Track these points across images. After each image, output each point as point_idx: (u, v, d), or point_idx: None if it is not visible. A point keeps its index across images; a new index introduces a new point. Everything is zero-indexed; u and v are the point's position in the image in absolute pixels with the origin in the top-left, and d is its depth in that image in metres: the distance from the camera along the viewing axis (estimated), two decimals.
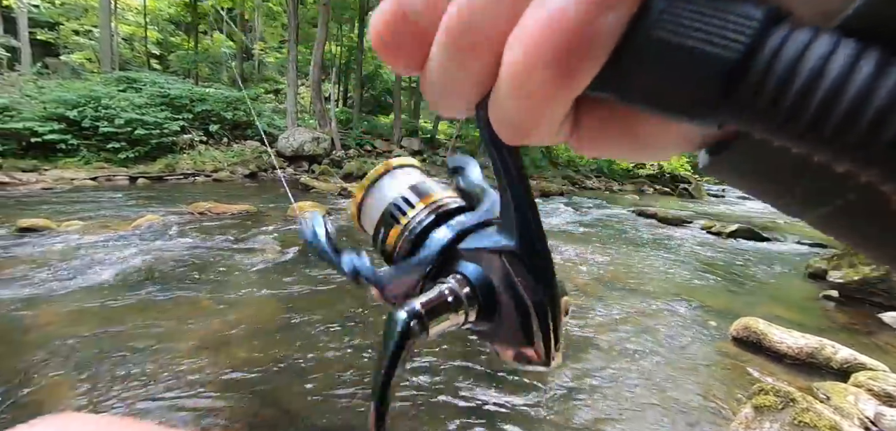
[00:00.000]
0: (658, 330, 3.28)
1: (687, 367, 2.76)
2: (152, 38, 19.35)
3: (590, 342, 3.00)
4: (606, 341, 3.03)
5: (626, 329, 3.27)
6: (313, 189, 9.35)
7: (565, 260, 5.15)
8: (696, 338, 3.21)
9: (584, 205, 10.52)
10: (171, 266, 3.89)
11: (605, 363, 2.73)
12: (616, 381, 2.53)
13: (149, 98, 11.11)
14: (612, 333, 3.16)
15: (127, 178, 9.04)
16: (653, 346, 3.02)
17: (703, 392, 2.47)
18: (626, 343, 3.03)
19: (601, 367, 2.68)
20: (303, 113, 17.61)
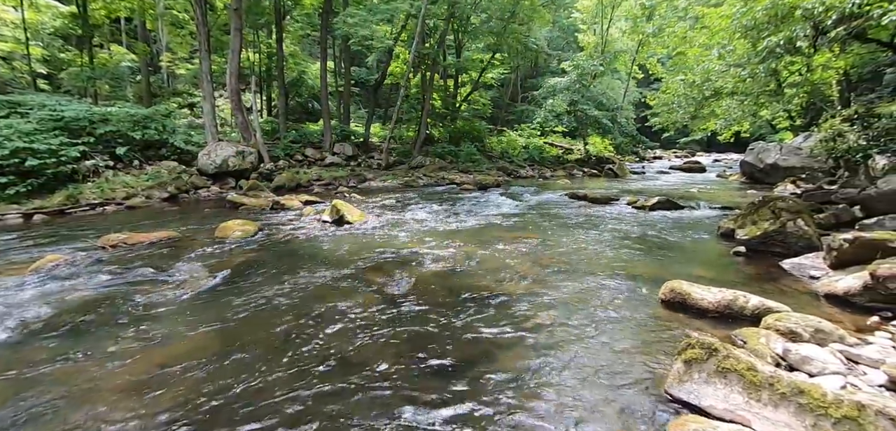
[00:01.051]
0: (595, 304, 3.51)
1: (623, 334, 2.99)
2: (36, 55, 17.08)
3: (534, 326, 3.14)
4: (548, 321, 3.18)
5: (565, 307, 3.46)
6: (243, 206, 8.84)
7: (506, 249, 5.33)
8: (629, 306, 3.48)
9: (520, 193, 10.93)
10: (82, 309, 3.50)
11: (548, 341, 2.88)
12: (559, 356, 2.67)
13: (38, 123, 9.83)
14: (552, 313, 3.33)
15: (20, 216, 7.96)
16: (591, 319, 3.22)
17: (639, 354, 2.69)
18: (566, 319, 3.21)
19: (544, 345, 2.82)
20: (224, 126, 16.56)
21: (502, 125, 25.12)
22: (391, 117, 17.49)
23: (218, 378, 2.47)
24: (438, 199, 10.11)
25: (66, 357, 2.75)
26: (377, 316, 3.35)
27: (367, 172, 14.63)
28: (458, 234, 6.24)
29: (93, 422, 2.09)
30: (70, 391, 2.37)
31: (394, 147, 17.43)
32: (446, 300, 3.66)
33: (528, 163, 19.01)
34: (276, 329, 3.12)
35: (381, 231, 6.50)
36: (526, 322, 3.19)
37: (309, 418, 2.12)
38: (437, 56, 18.11)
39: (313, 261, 4.86)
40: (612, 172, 17.01)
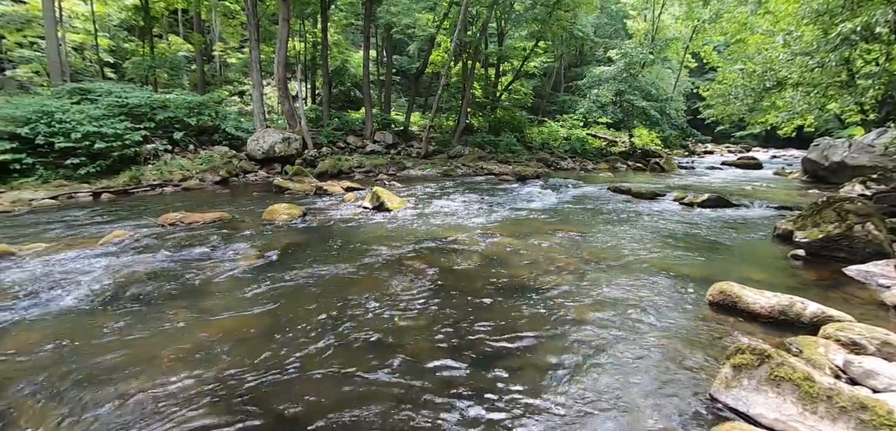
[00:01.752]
0: (638, 303, 3.39)
1: (668, 335, 2.88)
2: (104, 46, 18.41)
3: (574, 321, 3.08)
4: (590, 318, 3.11)
5: (608, 304, 3.37)
6: (288, 190, 9.19)
7: (545, 242, 5.26)
8: (674, 306, 3.34)
9: (560, 186, 10.69)
10: (144, 281, 3.78)
11: (590, 339, 2.81)
12: (599, 352, 2.62)
13: (106, 109, 10.61)
14: (595, 310, 3.25)
15: (90, 194, 8.66)
16: (634, 318, 3.12)
17: (684, 357, 2.58)
18: (608, 317, 3.13)
19: (584, 340, 2.76)
20: (271, 113, 17.19)
21: (543, 115, 24.62)
22: (431, 106, 17.54)
23: (265, 351, 2.60)
24: (477, 189, 10.08)
25: (129, 324, 2.98)
26: (415, 301, 3.40)
27: (406, 160, 14.79)
28: (496, 225, 6.20)
29: (151, 384, 2.26)
30: (131, 354, 2.57)
31: (433, 136, 17.50)
32: (483, 289, 3.66)
33: (569, 154, 18.55)
34: (319, 308, 3.23)
35: (420, 219, 6.57)
36: (565, 315, 3.14)
37: (347, 393, 2.20)
38: (478, 44, 17.94)
39: (354, 246, 4.99)
40: (658, 166, 16.30)
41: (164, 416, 2.04)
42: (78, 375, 2.37)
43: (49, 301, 3.35)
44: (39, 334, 2.84)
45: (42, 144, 9.04)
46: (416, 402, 2.16)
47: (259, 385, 2.30)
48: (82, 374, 2.38)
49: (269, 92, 19.05)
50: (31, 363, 2.49)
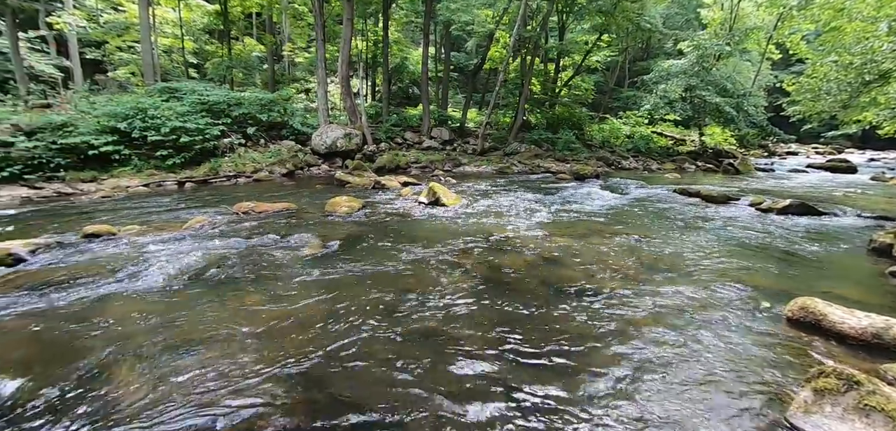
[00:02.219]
0: (706, 315, 3.17)
1: (738, 352, 2.66)
2: (189, 48, 20.16)
3: (633, 330, 2.94)
4: (651, 329, 2.96)
5: (671, 314, 3.18)
6: (348, 183, 9.55)
7: (602, 244, 5.05)
8: (747, 320, 3.09)
9: (621, 186, 10.22)
10: (220, 263, 4.10)
11: (650, 351, 2.67)
12: (663, 370, 2.48)
13: (190, 106, 11.62)
14: (656, 320, 3.08)
15: (175, 183, 9.53)
16: (701, 331, 2.92)
17: (756, 377, 2.38)
18: (672, 329, 2.95)
19: (647, 356, 2.62)
20: (334, 110, 17.93)
21: (605, 112, 23.64)
22: (488, 103, 17.44)
23: (324, 336, 2.73)
24: (532, 187, 9.89)
25: (207, 301, 3.24)
26: (468, 297, 3.40)
27: (462, 157, 14.84)
28: (552, 224, 6.05)
29: (225, 357, 2.45)
30: (209, 329, 2.80)
31: (489, 132, 17.40)
32: (537, 289, 3.59)
33: (632, 153, 17.67)
34: (374, 299, 3.34)
35: (475, 215, 6.56)
36: (623, 322, 3.01)
37: (397, 383, 2.27)
38: (538, 39, 17.56)
39: (410, 240, 5.08)
40: (732, 168, 15.06)
41: (234, 387, 2.21)
42: (163, 344, 2.62)
43: (141, 277, 3.73)
44: (133, 305, 3.17)
45: (137, 137, 10.08)
46: (461, 399, 2.18)
47: (317, 366, 2.42)
48: (166, 344, 2.63)
49: (332, 89, 19.89)
50: (125, 330, 2.79)
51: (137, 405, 2.09)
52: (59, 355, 2.51)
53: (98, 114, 10.30)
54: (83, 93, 13.27)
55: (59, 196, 7.96)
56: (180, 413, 2.04)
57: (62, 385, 2.24)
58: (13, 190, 7.93)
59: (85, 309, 3.12)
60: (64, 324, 2.89)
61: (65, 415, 2.02)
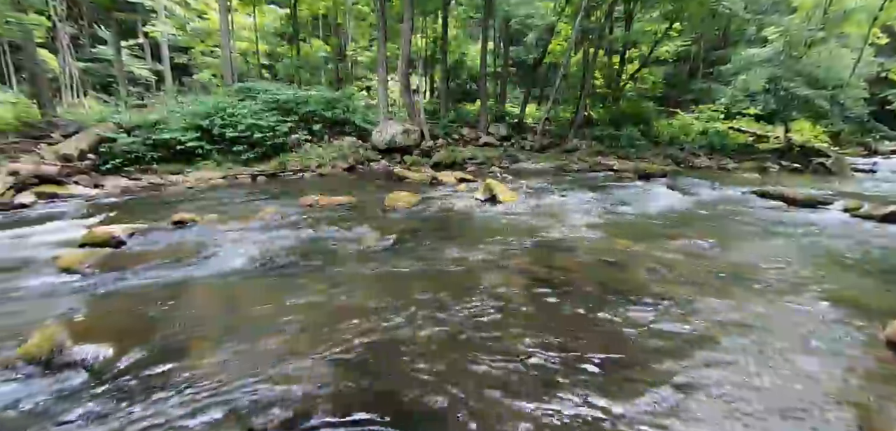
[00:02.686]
0: (786, 333, 2.85)
1: (825, 372, 2.36)
2: (262, 51, 21.55)
3: (703, 345, 2.71)
4: (724, 345, 2.69)
5: (747, 330, 2.89)
6: (406, 179, 9.74)
7: (668, 248, 4.73)
8: (836, 343, 2.72)
9: (691, 186, 9.53)
10: (288, 251, 4.35)
11: (723, 371, 2.44)
12: (730, 381, 2.26)
13: (263, 104, 12.44)
14: (724, 335, 2.82)
15: (249, 176, 10.25)
16: (782, 350, 2.62)
17: (848, 405, 2.10)
18: (748, 346, 2.68)
19: (718, 376, 2.39)
20: (393, 107, 18.35)
21: (675, 106, 22.16)
22: (547, 98, 17.00)
23: (380, 325, 2.81)
24: (592, 186, 9.50)
25: (275, 286, 3.45)
26: (523, 296, 3.34)
27: (519, 153, 14.60)
28: (612, 225, 5.77)
29: (289, 340, 2.58)
30: (276, 312, 2.97)
31: (548, 129, 16.96)
32: (594, 292, 3.43)
33: (704, 150, 16.38)
34: (429, 293, 3.37)
35: (531, 213, 6.42)
36: (685, 334, 2.79)
37: (449, 378, 2.26)
38: (602, 30, 16.81)
39: (466, 236, 5.07)
40: (823, 168, 13.48)
41: (293, 367, 2.33)
42: (233, 323, 2.83)
43: (218, 261, 4.04)
44: (209, 287, 3.44)
45: (217, 134, 10.95)
46: (508, 398, 2.14)
47: (370, 355, 2.49)
48: (236, 322, 2.83)
49: (392, 87, 20.40)
50: (202, 308, 3.04)
51: (209, 375, 2.27)
52: (148, 326, 2.78)
53: (184, 112, 11.32)
54: (172, 94, 14.64)
55: (152, 186, 8.85)
56: (244, 386, 2.19)
57: (149, 352, 2.49)
58: (116, 180, 8.92)
59: (170, 288, 3.44)
60: (153, 300, 3.21)
61: (149, 379, 2.24)
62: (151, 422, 1.96)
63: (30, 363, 2.37)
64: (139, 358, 2.46)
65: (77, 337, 2.53)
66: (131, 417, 1.99)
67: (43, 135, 10.82)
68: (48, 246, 4.62)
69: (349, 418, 1.98)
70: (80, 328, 2.69)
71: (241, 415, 2.00)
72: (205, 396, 2.13)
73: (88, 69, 21.68)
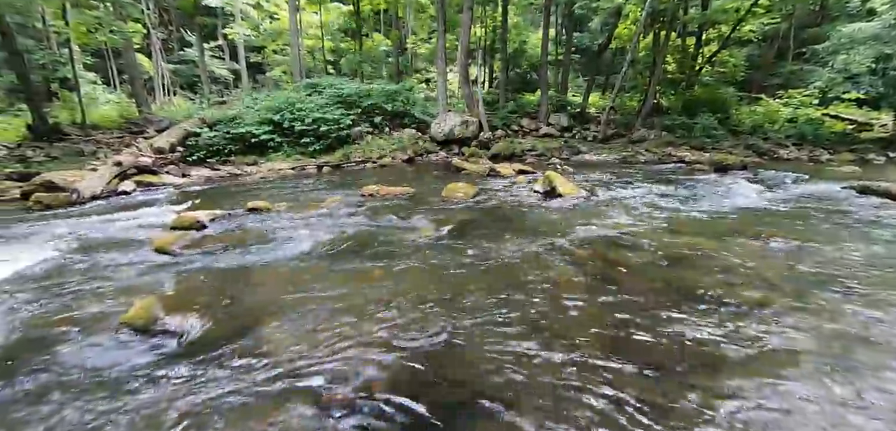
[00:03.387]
0: (885, 345, 2.50)
1: None
2: (328, 48, 22.52)
3: (774, 348, 2.47)
4: (807, 358, 2.42)
5: (831, 336, 2.58)
6: (464, 170, 9.75)
7: (747, 249, 4.33)
8: None
9: (775, 180, 8.63)
10: (351, 239, 4.53)
11: (797, 375, 2.21)
12: (813, 401, 2.03)
13: (328, 99, 13.01)
14: (808, 339, 2.54)
15: (315, 167, 10.79)
16: (875, 364, 2.31)
17: None
18: (829, 353, 2.40)
19: (791, 380, 2.17)
20: (451, 98, 18.41)
21: (759, 91, 20.16)
22: (613, 86, 16.19)
23: (437, 314, 2.84)
24: (661, 179, 8.94)
25: (340, 271, 3.61)
26: (580, 292, 3.22)
27: (581, 145, 14.07)
28: (681, 221, 5.39)
29: (353, 321, 2.69)
30: (338, 295, 3.10)
31: (613, 118, 16.17)
32: (659, 293, 3.22)
33: (793, 140, 14.78)
34: (485, 285, 3.35)
35: (593, 207, 6.17)
36: (763, 345, 2.53)
37: (504, 370, 2.24)
38: (676, 10, 15.64)
39: (524, 229, 4.98)
40: None
41: (355, 348, 2.43)
42: (303, 303, 3.00)
43: (288, 246, 4.30)
44: (280, 269, 3.67)
45: (287, 127, 11.63)
46: (562, 395, 2.07)
47: (426, 341, 2.54)
48: (305, 303, 2.99)
49: (451, 78, 20.46)
50: (273, 288, 3.25)
51: (280, 348, 2.44)
52: (227, 302, 3.03)
53: (258, 108, 12.14)
54: (248, 92, 15.75)
55: (230, 176, 9.60)
56: (310, 361, 2.33)
57: (228, 325, 2.73)
58: (200, 170, 9.79)
59: (247, 269, 3.72)
60: (231, 279, 3.49)
61: (229, 348, 2.44)
62: (231, 386, 2.14)
63: (131, 329, 2.67)
64: (220, 329, 2.69)
65: (169, 309, 2.82)
66: (214, 381, 2.18)
67: (140, 130, 12.13)
68: (145, 228, 5.18)
69: (405, 402, 2.03)
70: (172, 301, 2.99)
71: (308, 387, 2.12)
72: (275, 367, 2.29)
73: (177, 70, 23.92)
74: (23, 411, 2.01)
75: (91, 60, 19.96)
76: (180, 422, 1.91)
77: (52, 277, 3.64)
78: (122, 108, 14.62)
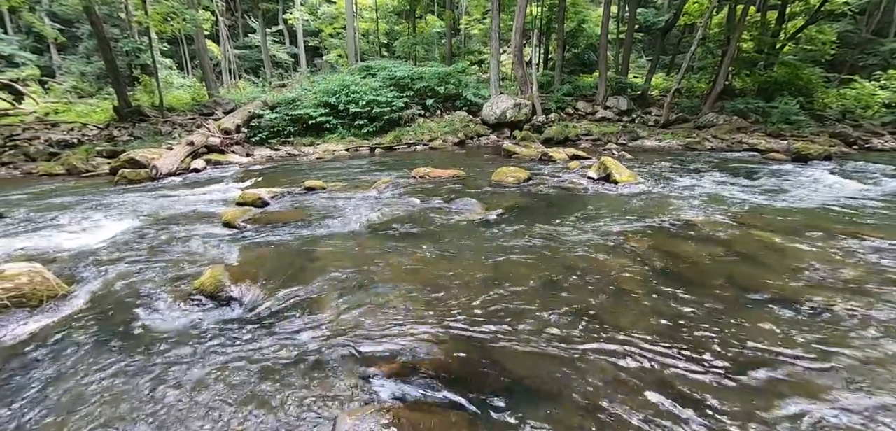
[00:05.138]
0: None
1: None
2: (382, 30, 22.81)
3: (857, 357, 2.22)
4: (886, 358, 2.18)
5: None
6: (515, 154, 9.59)
7: (827, 247, 3.92)
8: None
9: (865, 172, 7.73)
10: (400, 219, 4.61)
11: (882, 387, 1.98)
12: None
13: (381, 81, 13.23)
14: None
15: (368, 149, 11.07)
16: None
17: None
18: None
19: (873, 392, 1.95)
20: (505, 80, 18.07)
21: (851, 71, 18.01)
22: (679, 66, 15.12)
23: (482, 298, 2.83)
24: (729, 168, 8.29)
25: (389, 250, 3.70)
26: (634, 284, 3.07)
27: (640, 129, 13.36)
28: (750, 214, 4.98)
29: (404, 299, 2.74)
30: (388, 273, 3.17)
31: (678, 101, 15.16)
32: (722, 290, 2.99)
33: (889, 128, 13.16)
34: (534, 271, 3.29)
35: (651, 195, 5.85)
36: (841, 350, 2.28)
37: (552, 356, 2.20)
38: None
39: (576, 216, 4.83)
40: None
41: (401, 326, 2.48)
42: (352, 279, 3.10)
43: (341, 224, 4.46)
44: (334, 245, 3.82)
45: (342, 110, 11.98)
46: (612, 390, 2.00)
47: (472, 325, 2.53)
48: (354, 279, 3.10)
49: (504, 59, 20.05)
50: (328, 264, 3.39)
51: (332, 320, 2.56)
52: (286, 274, 3.20)
53: (315, 90, 12.59)
54: (306, 75, 16.35)
55: (289, 156, 10.08)
56: (361, 333, 2.41)
57: (286, 294, 2.89)
58: (262, 150, 10.35)
59: (303, 244, 3.90)
60: (289, 252, 3.68)
61: (287, 316, 2.59)
62: (288, 352, 2.28)
63: (202, 295, 2.90)
64: (279, 298, 2.85)
65: (234, 278, 3.02)
66: (273, 345, 2.34)
67: (209, 112, 12.99)
68: (213, 203, 5.58)
69: (449, 382, 2.05)
70: (237, 271, 3.20)
71: (356, 359, 2.20)
72: (327, 336, 2.41)
73: (242, 55, 25.28)
74: (114, 364, 2.25)
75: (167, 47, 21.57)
76: (240, 378, 2.07)
77: (137, 244, 4.03)
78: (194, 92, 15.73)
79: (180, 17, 13.07)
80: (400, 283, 3.07)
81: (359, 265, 3.40)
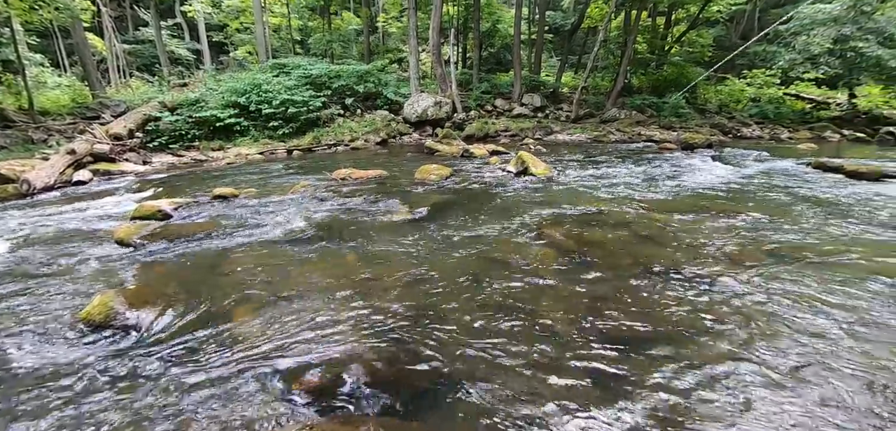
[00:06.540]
0: (841, 310, 2.64)
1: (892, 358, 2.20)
2: (295, 26, 21.73)
3: (737, 318, 2.58)
4: (761, 317, 2.57)
5: (792, 305, 2.71)
6: (437, 152, 9.69)
7: (712, 224, 4.49)
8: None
9: (738, 158, 8.97)
10: (321, 224, 4.43)
11: (759, 342, 2.33)
12: (775, 365, 2.13)
13: (296, 80, 12.60)
14: (770, 308, 2.66)
15: (285, 151, 10.49)
16: (831, 327, 2.45)
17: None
18: (791, 320, 2.53)
19: (752, 346, 2.29)
20: (425, 78, 18.16)
21: (726, 71, 20.68)
22: (585, 65, 16.31)
23: (411, 296, 2.82)
24: (631, 158, 9.13)
25: (311, 256, 3.54)
26: (553, 270, 3.26)
27: (554, 124, 14.20)
28: (651, 199, 5.54)
29: (324, 305, 2.64)
30: (310, 280, 3.03)
31: (585, 98, 16.34)
32: (628, 267, 3.31)
33: (755, 119, 15.35)
34: (460, 265, 3.35)
35: (564, 186, 6.25)
36: (727, 313, 2.65)
37: (480, 349, 2.25)
38: None
39: (497, 209, 5.00)
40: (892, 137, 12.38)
41: (327, 333, 2.39)
42: (271, 290, 2.92)
43: (256, 233, 4.17)
44: (249, 256, 3.56)
45: (253, 110, 11.23)
46: (536, 372, 2.10)
47: (400, 324, 2.51)
48: (274, 290, 2.92)
49: (423, 58, 20.14)
50: (243, 276, 3.15)
51: (248, 337, 2.37)
52: (192, 293, 2.91)
53: (222, 90, 11.65)
54: (210, 73, 15.08)
55: (195, 162, 9.22)
56: (281, 349, 2.27)
57: (193, 316, 2.62)
58: (162, 157, 9.36)
59: (213, 258, 3.58)
60: (197, 269, 3.36)
61: (194, 340, 2.35)
62: (194, 380, 2.06)
63: (89, 325, 2.54)
64: (184, 321, 2.58)
65: (130, 303, 2.68)
66: (176, 375, 2.10)
67: (95, 116, 11.45)
68: (104, 219, 4.92)
69: (377, 386, 2.01)
70: (133, 295, 2.85)
71: (276, 375, 2.07)
72: (241, 357, 2.22)
73: (133, 50, 22.62)
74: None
75: (36, 41, 18.62)
76: (130, 419, 1.84)
77: (4, 274, 3.43)
78: (74, 93, 13.72)
79: (51, 6, 11.33)
80: (322, 292, 2.95)
81: (276, 276, 3.21)
